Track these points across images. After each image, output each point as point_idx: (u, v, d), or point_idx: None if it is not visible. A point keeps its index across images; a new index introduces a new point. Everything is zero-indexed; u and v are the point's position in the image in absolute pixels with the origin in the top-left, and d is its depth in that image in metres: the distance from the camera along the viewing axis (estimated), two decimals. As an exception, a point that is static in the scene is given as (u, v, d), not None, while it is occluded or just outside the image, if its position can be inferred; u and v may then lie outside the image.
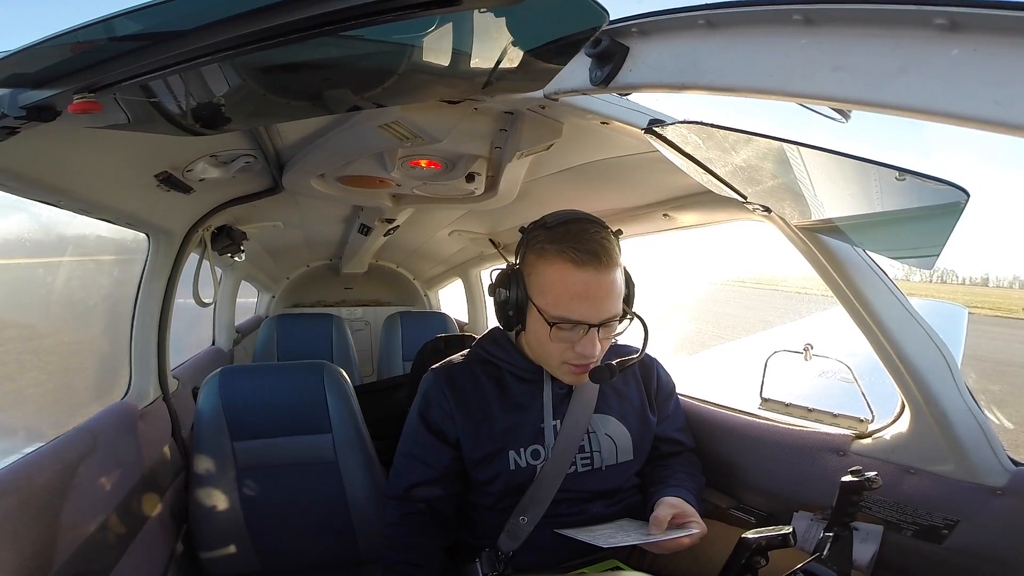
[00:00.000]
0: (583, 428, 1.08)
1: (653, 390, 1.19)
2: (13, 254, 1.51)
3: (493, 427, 1.07)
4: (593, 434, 1.09)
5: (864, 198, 0.80)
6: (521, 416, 1.07)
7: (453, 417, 1.08)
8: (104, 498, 1.11)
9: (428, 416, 1.10)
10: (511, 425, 1.07)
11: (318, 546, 1.41)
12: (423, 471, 1.09)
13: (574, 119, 1.02)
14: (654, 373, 1.21)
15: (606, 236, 0.99)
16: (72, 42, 0.57)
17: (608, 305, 0.98)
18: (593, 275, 0.96)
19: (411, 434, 1.12)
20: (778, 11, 0.53)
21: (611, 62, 0.69)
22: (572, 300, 0.97)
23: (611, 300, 0.98)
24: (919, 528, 1.01)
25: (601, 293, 0.97)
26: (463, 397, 1.09)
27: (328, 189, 1.56)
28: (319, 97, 0.84)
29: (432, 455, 1.09)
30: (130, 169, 1.15)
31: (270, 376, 1.53)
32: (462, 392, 1.09)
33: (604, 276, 0.96)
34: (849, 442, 1.11)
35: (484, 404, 1.08)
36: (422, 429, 1.10)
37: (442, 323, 3.13)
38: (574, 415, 1.08)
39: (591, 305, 0.97)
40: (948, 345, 1.00)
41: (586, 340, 0.98)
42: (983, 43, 0.44)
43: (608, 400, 1.12)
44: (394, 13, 0.52)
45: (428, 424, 1.10)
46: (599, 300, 0.97)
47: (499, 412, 1.08)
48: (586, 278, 0.96)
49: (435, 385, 1.11)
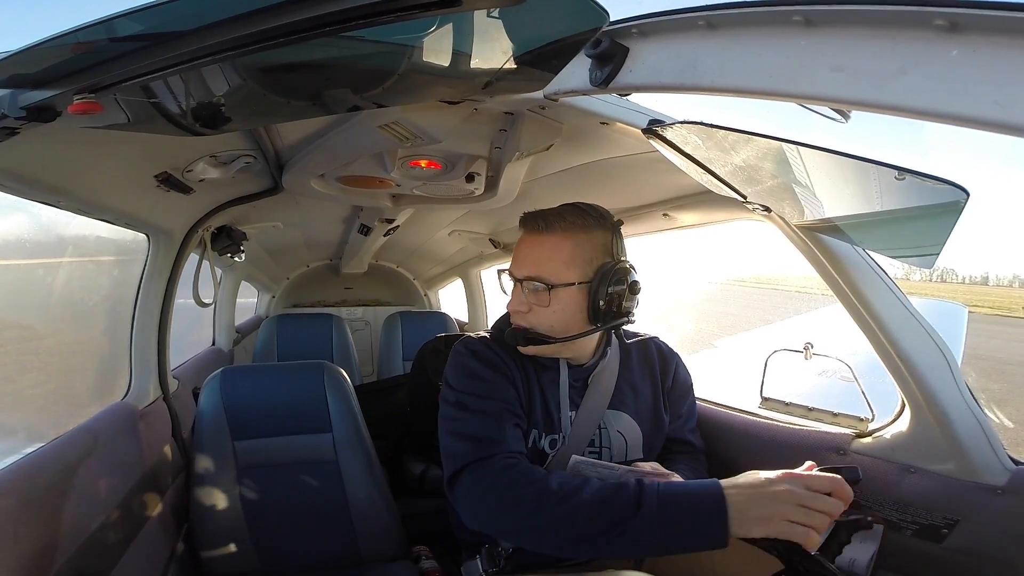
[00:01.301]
0: (596, 422, 1.06)
1: (668, 386, 1.16)
2: (13, 255, 1.51)
3: (524, 397, 1.04)
4: (604, 430, 1.07)
5: (864, 198, 0.80)
6: (541, 400, 1.05)
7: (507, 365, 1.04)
8: (104, 498, 1.11)
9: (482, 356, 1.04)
10: (536, 404, 1.04)
11: (318, 545, 1.41)
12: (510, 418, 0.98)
13: (574, 119, 1.02)
14: (672, 368, 1.18)
15: (569, 211, 1.02)
16: (73, 43, 0.57)
17: (532, 264, 1.02)
18: (531, 236, 1.03)
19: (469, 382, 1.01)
20: (778, 12, 0.53)
21: (611, 63, 0.69)
22: (515, 257, 1.05)
23: (538, 262, 1.01)
24: (919, 527, 1.01)
25: (531, 252, 1.03)
26: (493, 364, 1.05)
27: (328, 189, 1.56)
28: (319, 97, 0.83)
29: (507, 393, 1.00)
30: (130, 169, 1.15)
31: (271, 376, 1.53)
32: (491, 360, 1.05)
33: (541, 238, 1.02)
34: (849, 441, 1.12)
35: (512, 375, 1.05)
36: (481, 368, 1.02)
37: (442, 323, 3.14)
38: (588, 408, 1.06)
39: (520, 261, 1.04)
40: (948, 344, 1.00)
41: (513, 291, 1.05)
42: (983, 44, 0.44)
43: (623, 396, 1.10)
44: (395, 14, 0.52)
45: (486, 361, 1.03)
46: (526, 257, 1.03)
47: (526, 388, 1.05)
48: (526, 238, 1.05)
49: (467, 349, 1.07)
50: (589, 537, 0.82)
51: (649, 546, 0.82)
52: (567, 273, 1.00)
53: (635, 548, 0.83)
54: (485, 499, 0.90)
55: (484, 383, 1.01)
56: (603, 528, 0.81)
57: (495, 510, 0.89)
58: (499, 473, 0.89)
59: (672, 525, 0.79)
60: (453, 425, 0.98)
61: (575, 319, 1.01)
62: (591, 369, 1.09)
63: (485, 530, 0.93)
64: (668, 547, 0.81)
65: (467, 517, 0.93)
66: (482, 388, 1.00)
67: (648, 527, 0.79)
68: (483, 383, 1.01)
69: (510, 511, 0.87)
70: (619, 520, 0.81)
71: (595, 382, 1.08)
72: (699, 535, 0.78)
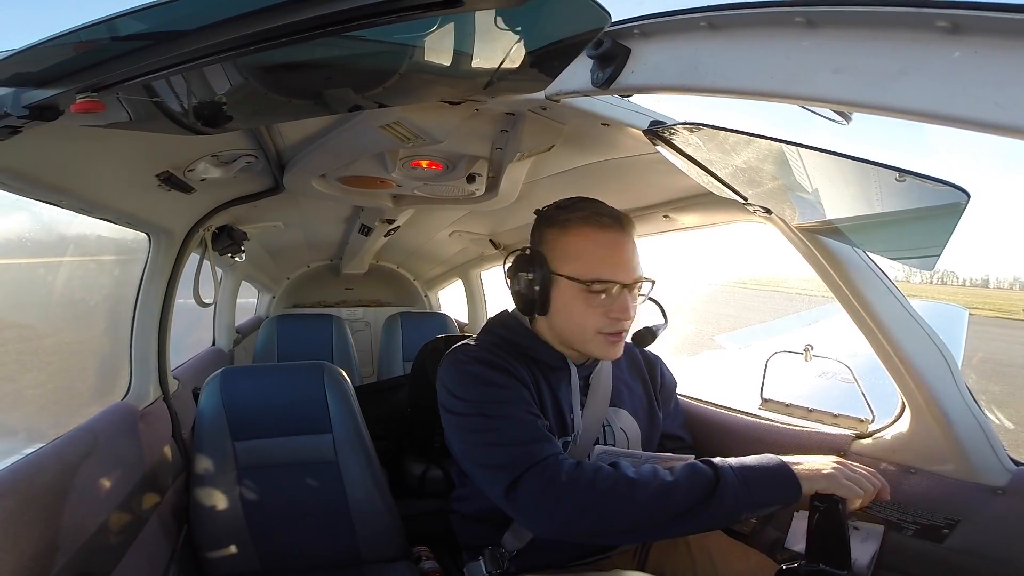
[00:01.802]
0: (601, 421, 1.07)
1: (658, 386, 1.19)
2: (13, 254, 1.51)
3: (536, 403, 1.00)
4: (608, 427, 1.08)
5: (865, 200, 0.80)
6: (553, 402, 1.03)
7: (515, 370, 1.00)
8: (105, 498, 1.11)
9: (494, 364, 0.98)
10: (549, 409, 1.02)
11: (318, 546, 1.41)
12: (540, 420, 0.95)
13: (575, 120, 1.02)
14: (658, 370, 1.22)
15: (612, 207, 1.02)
16: (75, 42, 0.57)
17: (635, 264, 1.00)
18: (619, 235, 0.99)
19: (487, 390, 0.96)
20: (780, 13, 0.53)
21: (613, 64, 0.69)
22: (603, 260, 0.98)
23: (637, 260, 1.00)
24: (920, 528, 1.01)
25: (628, 252, 0.99)
26: (507, 371, 0.99)
27: (329, 189, 1.56)
28: (320, 97, 0.84)
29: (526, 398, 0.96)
30: (131, 169, 1.15)
31: (271, 376, 1.53)
32: (504, 367, 1.00)
33: (628, 236, 1.00)
34: (849, 442, 1.12)
35: (525, 380, 1.00)
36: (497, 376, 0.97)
37: (442, 323, 3.14)
38: (593, 407, 1.07)
39: (622, 264, 0.98)
40: (948, 346, 1.00)
41: (622, 300, 0.98)
42: (984, 46, 0.44)
43: (620, 393, 1.12)
44: (397, 14, 0.52)
45: (499, 368, 0.98)
46: (628, 258, 0.99)
47: (536, 392, 1.02)
48: (613, 237, 0.99)
49: (470, 363, 1.01)
50: (682, 516, 0.84)
51: (735, 512, 0.85)
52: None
53: (723, 518, 0.86)
54: (562, 502, 0.85)
55: (503, 390, 0.97)
56: (694, 504, 0.84)
57: (573, 511, 0.85)
58: (571, 472, 0.86)
59: (753, 489, 0.84)
60: (484, 436, 0.94)
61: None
62: (591, 368, 1.10)
63: (561, 534, 0.90)
64: (753, 509, 0.86)
65: (537, 523, 0.89)
66: (502, 395, 0.96)
67: (733, 494, 0.84)
68: (502, 390, 0.97)
69: (595, 508, 0.85)
70: (707, 494, 0.84)
71: (596, 381, 1.09)
72: (778, 494, 0.85)
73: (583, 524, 0.86)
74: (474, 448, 0.95)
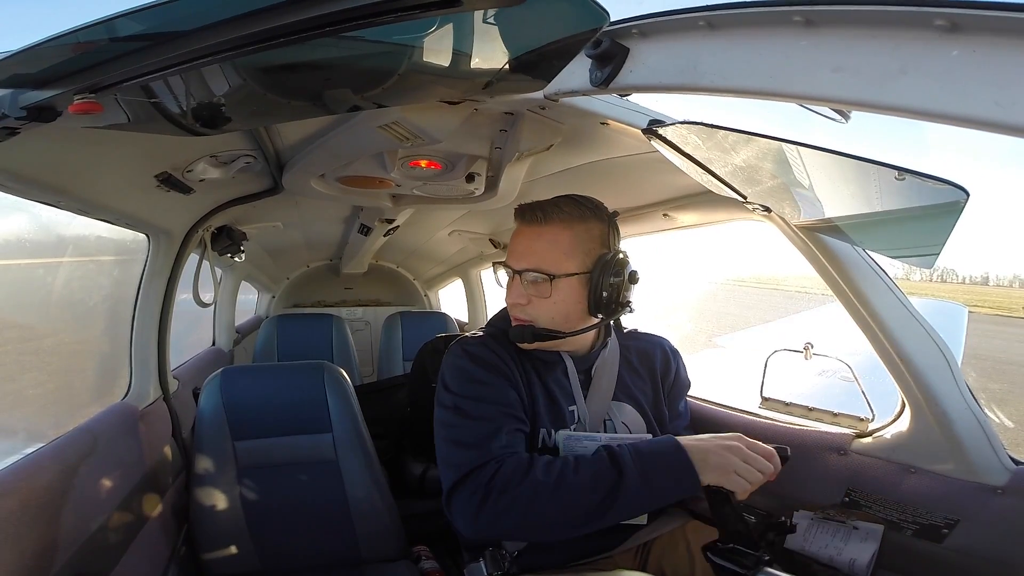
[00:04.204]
0: (603, 414, 1.06)
1: (669, 383, 1.16)
2: (13, 255, 1.51)
3: (527, 398, 1.02)
4: (610, 421, 1.07)
5: (864, 198, 0.80)
6: (548, 395, 1.04)
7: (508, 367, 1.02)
8: (105, 498, 1.11)
9: (480, 359, 1.01)
10: (542, 402, 1.03)
11: (318, 546, 1.41)
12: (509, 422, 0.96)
13: (574, 120, 1.02)
14: (673, 366, 1.18)
15: (565, 202, 1.03)
16: (73, 43, 0.56)
17: (531, 256, 1.01)
18: (527, 227, 1.03)
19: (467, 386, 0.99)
20: (778, 12, 0.53)
21: (611, 63, 0.69)
22: (512, 250, 1.05)
23: (538, 253, 1.01)
24: (919, 527, 1.01)
25: (529, 244, 1.02)
26: (492, 366, 1.02)
27: (328, 189, 1.56)
28: (319, 97, 0.84)
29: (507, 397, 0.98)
30: (130, 169, 1.15)
31: (271, 376, 1.53)
32: (489, 362, 1.02)
33: (539, 229, 1.02)
34: (849, 441, 1.12)
35: (513, 376, 1.02)
36: (480, 372, 1.00)
37: (442, 323, 3.14)
38: (595, 401, 1.06)
39: (518, 253, 1.03)
40: (948, 344, 1.00)
41: (510, 284, 1.04)
42: (983, 44, 0.44)
43: (626, 387, 1.10)
44: (395, 14, 0.52)
45: (484, 364, 1.00)
46: (524, 249, 1.03)
47: (527, 388, 1.03)
48: (523, 230, 1.04)
49: (463, 351, 1.04)
50: (592, 513, 0.87)
51: (639, 505, 0.89)
52: (567, 263, 1.00)
53: (628, 510, 0.89)
54: (482, 511, 0.89)
55: (483, 387, 0.99)
56: (600, 500, 0.87)
57: (493, 519, 0.88)
58: (489, 480, 0.89)
59: (652, 481, 0.87)
60: (450, 431, 0.97)
61: (575, 310, 1.02)
62: (593, 360, 1.09)
63: (489, 539, 0.96)
64: (654, 502, 0.90)
65: (466, 531, 0.93)
66: (480, 392, 0.98)
67: (635, 487, 0.87)
68: (482, 387, 0.99)
69: (509, 514, 0.88)
70: (611, 489, 0.87)
71: (598, 373, 1.08)
72: (676, 486, 0.87)
73: (505, 530, 0.93)
74: (440, 443, 0.99)
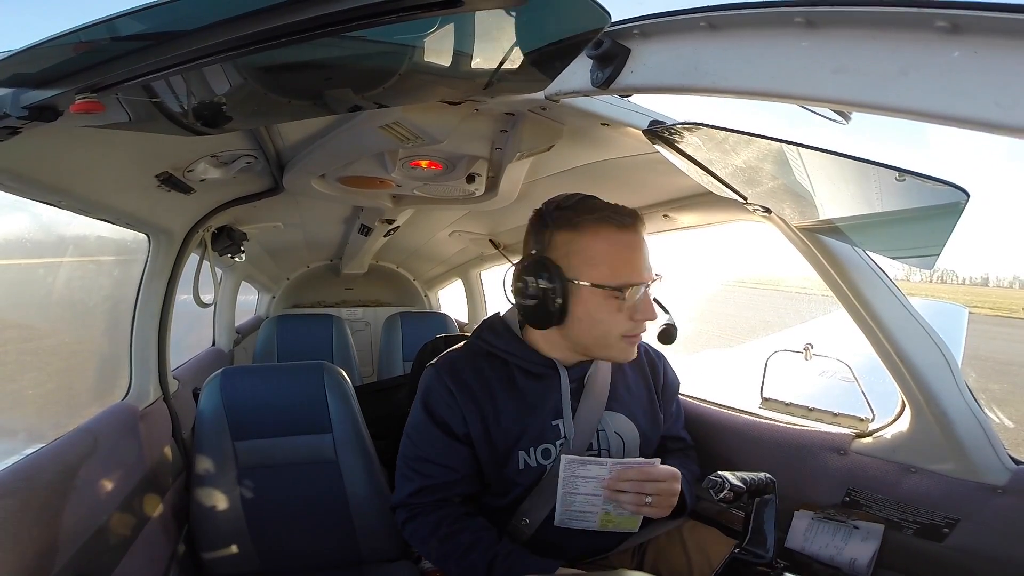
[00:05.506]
0: (595, 425, 1.05)
1: (660, 386, 1.16)
2: (13, 254, 1.51)
3: (501, 424, 1.02)
4: (602, 431, 1.06)
5: (864, 199, 0.80)
6: (531, 413, 1.03)
7: (461, 413, 1.02)
8: (105, 499, 1.11)
9: (434, 412, 1.04)
10: (521, 423, 1.02)
11: (319, 546, 1.41)
12: (439, 473, 1.03)
13: (575, 120, 1.02)
14: (661, 369, 1.19)
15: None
16: (75, 42, 0.57)
17: (650, 262, 1.00)
18: (635, 235, 0.98)
19: (416, 434, 1.06)
20: (779, 13, 0.53)
21: (612, 64, 0.69)
22: (628, 263, 0.97)
23: (649, 257, 1.00)
24: (920, 527, 1.01)
25: (645, 251, 0.99)
26: (469, 392, 1.03)
27: (328, 190, 1.56)
28: (320, 97, 0.84)
29: (444, 454, 1.03)
30: (131, 169, 1.15)
31: (271, 376, 1.53)
32: (467, 387, 1.03)
33: (637, 234, 0.99)
34: (850, 441, 1.12)
35: (491, 400, 1.03)
36: (430, 426, 1.04)
37: (442, 323, 3.13)
38: (586, 412, 1.05)
39: (643, 264, 0.98)
40: (948, 345, 1.00)
41: (646, 300, 0.98)
42: (984, 45, 0.44)
43: (618, 396, 1.09)
44: (397, 14, 0.52)
45: (435, 420, 1.03)
46: (646, 258, 0.99)
47: (507, 409, 1.02)
48: (631, 239, 0.98)
49: (438, 380, 1.05)
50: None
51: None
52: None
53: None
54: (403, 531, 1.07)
55: (433, 448, 1.04)
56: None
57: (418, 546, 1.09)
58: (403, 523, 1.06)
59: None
60: (410, 454, 1.07)
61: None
62: (584, 370, 1.07)
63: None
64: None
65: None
66: (430, 452, 1.04)
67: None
68: (432, 448, 1.04)
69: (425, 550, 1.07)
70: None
71: (590, 384, 1.07)
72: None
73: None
74: (401, 453, 1.08)
